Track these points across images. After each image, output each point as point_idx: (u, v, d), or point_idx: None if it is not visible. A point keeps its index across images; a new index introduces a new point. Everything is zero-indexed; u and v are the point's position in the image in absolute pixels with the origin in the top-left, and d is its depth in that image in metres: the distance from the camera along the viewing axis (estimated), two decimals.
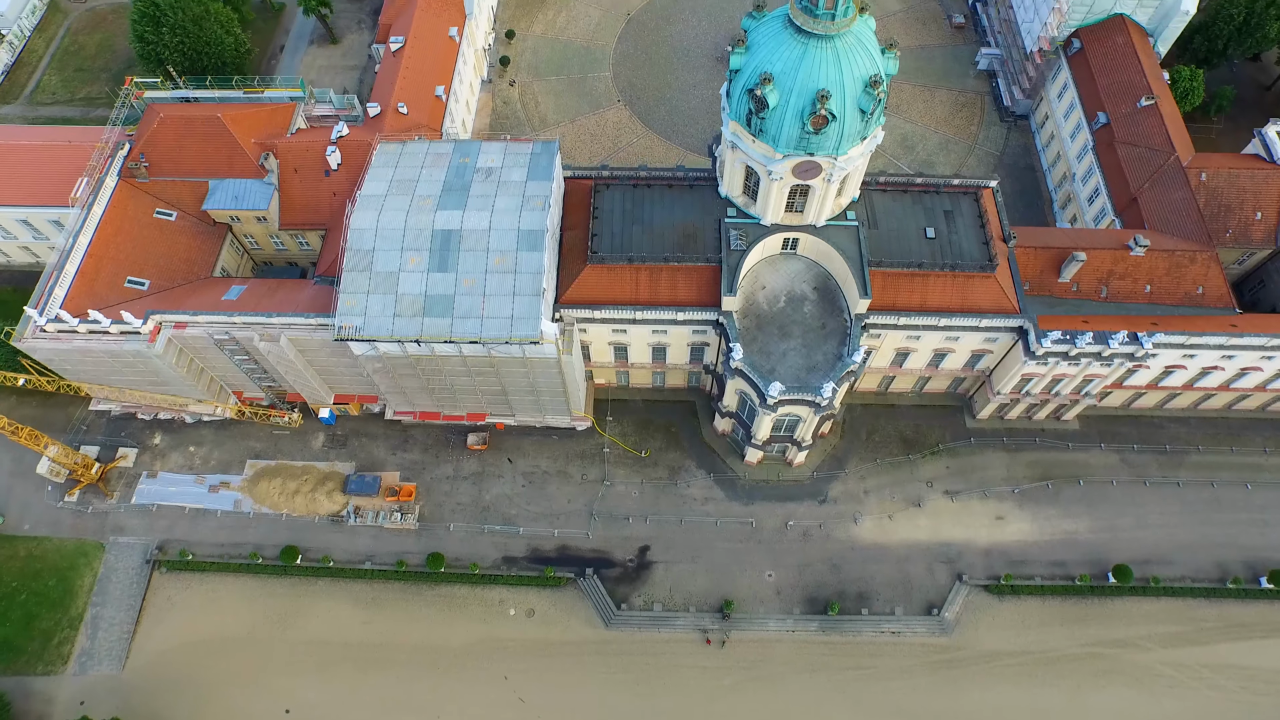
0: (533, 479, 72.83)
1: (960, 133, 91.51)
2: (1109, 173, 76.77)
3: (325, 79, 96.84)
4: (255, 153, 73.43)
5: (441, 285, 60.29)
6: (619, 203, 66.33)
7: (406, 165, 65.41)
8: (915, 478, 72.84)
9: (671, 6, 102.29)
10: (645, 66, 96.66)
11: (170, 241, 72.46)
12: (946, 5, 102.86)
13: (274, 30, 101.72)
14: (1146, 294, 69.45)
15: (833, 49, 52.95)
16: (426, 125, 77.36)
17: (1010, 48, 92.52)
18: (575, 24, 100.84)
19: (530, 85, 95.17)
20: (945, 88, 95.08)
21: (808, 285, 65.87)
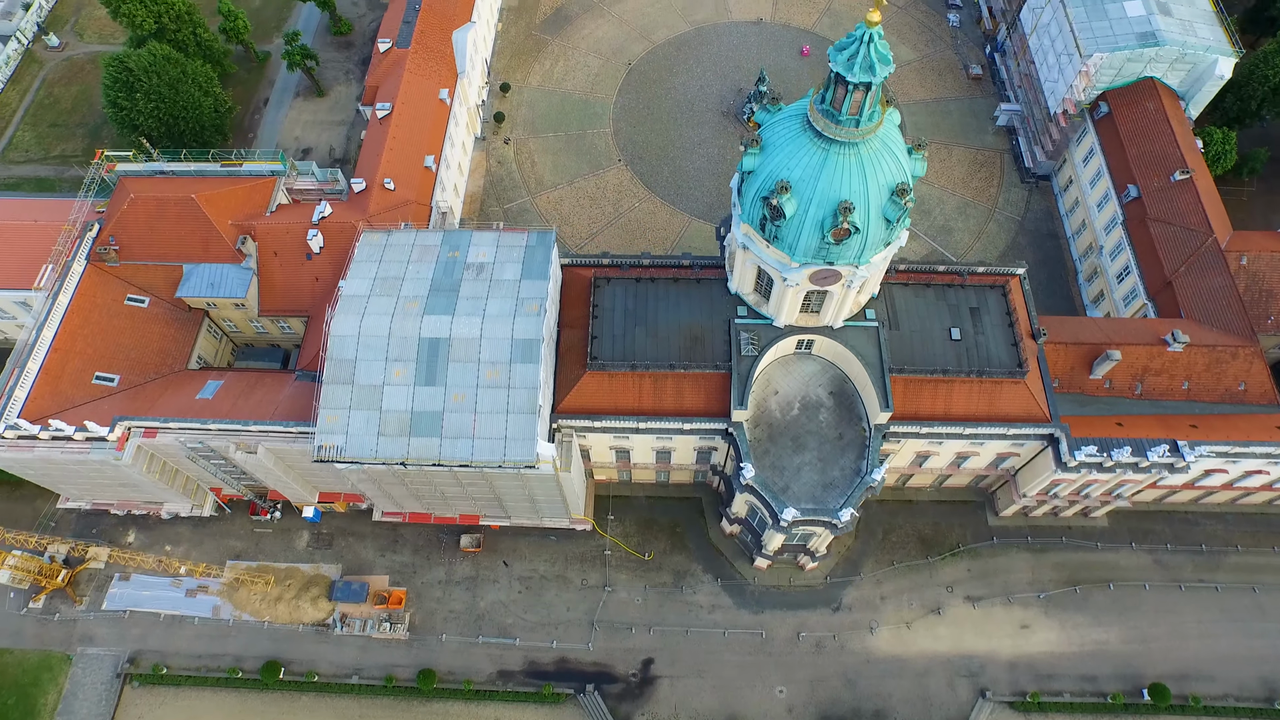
0: (530, 584, 68.58)
1: (979, 195, 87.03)
2: (1141, 252, 72.39)
3: (311, 135, 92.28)
4: (232, 235, 68.97)
5: (429, 400, 55.87)
6: (620, 300, 61.87)
7: (391, 259, 60.91)
8: (934, 582, 68.64)
9: (674, 56, 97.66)
10: (647, 122, 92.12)
11: (142, 331, 68.00)
12: (963, 55, 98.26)
13: (258, 82, 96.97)
14: (1185, 390, 65.15)
15: (856, 156, 48.47)
16: (415, 200, 72.86)
17: (1031, 105, 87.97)
18: (574, 74, 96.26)
19: (526, 143, 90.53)
20: (963, 145, 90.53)
21: (823, 390, 61.55)
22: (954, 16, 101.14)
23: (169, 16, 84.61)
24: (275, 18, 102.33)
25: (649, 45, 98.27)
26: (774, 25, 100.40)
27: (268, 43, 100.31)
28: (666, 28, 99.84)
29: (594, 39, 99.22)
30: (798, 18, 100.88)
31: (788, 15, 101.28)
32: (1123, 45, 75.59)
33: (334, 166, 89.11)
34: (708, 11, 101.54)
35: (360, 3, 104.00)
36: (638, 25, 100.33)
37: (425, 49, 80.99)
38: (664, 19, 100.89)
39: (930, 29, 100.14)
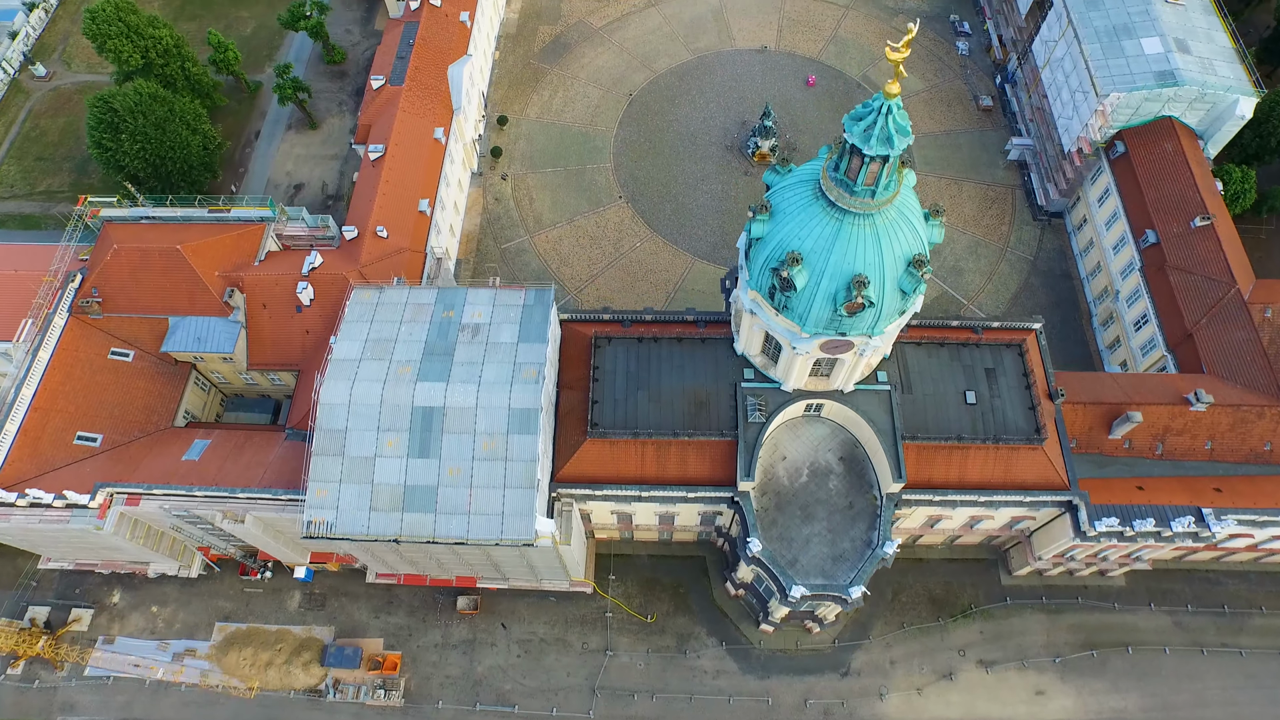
0: (529, 648, 66.32)
1: (990, 233, 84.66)
2: (1160, 301, 70.01)
3: (303, 170, 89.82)
4: (219, 287, 66.55)
5: (423, 473, 53.43)
6: (622, 361, 59.49)
7: (383, 319, 58.41)
8: (946, 645, 66.38)
9: (676, 86, 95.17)
10: (649, 156, 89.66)
11: (126, 387, 65.61)
12: (973, 85, 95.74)
13: (249, 114, 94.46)
14: (1208, 451, 62.84)
15: (871, 227, 46.07)
16: (409, 248, 70.41)
17: (1044, 140, 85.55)
18: (573, 105, 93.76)
19: (524, 178, 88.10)
20: (973, 180, 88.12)
21: (833, 455, 59.24)
22: (963, 45, 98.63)
23: (156, 51, 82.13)
24: (267, 46, 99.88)
25: (650, 75, 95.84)
26: (778, 53, 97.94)
27: (259, 72, 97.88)
28: (668, 56, 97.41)
29: (594, 68, 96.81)
30: (803, 45, 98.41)
31: (792, 43, 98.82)
32: (1141, 85, 73.17)
33: (327, 203, 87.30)
34: (710, 39, 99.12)
35: (354, 30, 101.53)
36: (638, 54, 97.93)
37: (419, 86, 78.53)
38: (666, 47, 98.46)
39: (939, 58, 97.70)
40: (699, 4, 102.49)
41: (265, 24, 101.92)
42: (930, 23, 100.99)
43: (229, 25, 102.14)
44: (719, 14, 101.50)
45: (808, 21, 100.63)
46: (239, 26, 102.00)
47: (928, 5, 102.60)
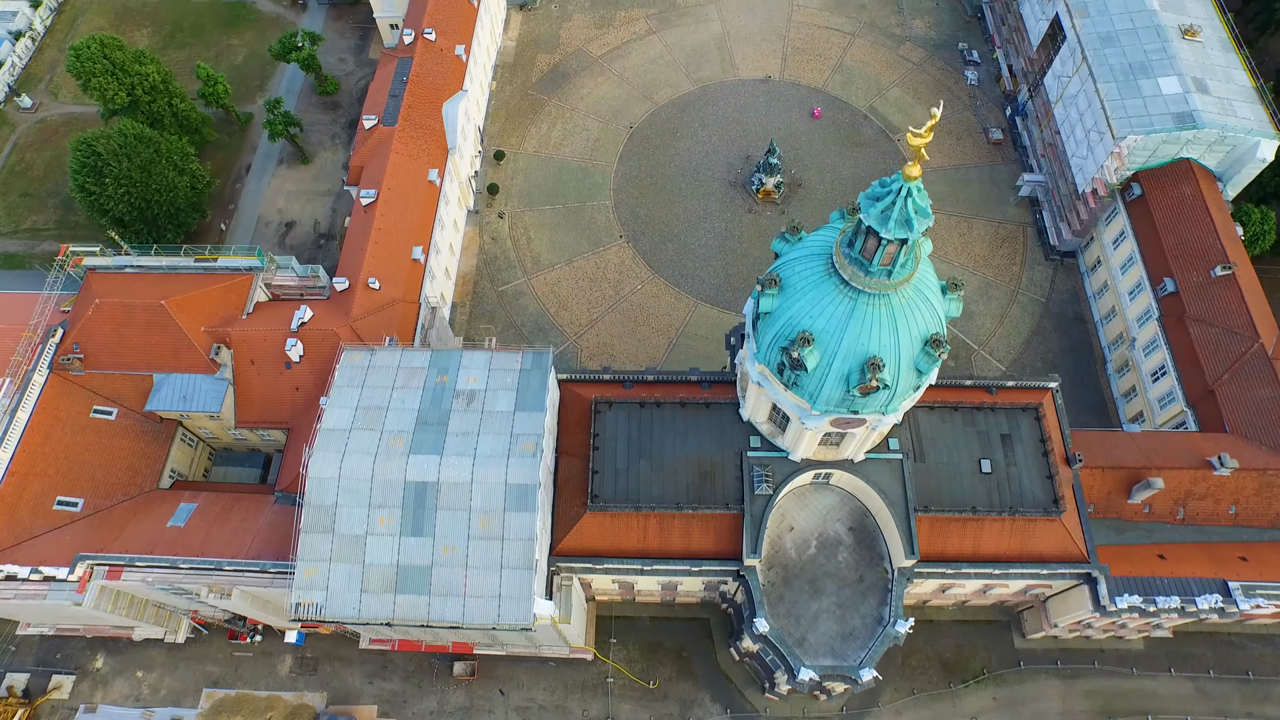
0: (528, 715, 63.93)
1: (1001, 274, 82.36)
2: (1179, 354, 67.75)
3: (295, 206, 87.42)
4: (205, 344, 64.24)
5: (417, 553, 51.11)
6: (623, 428, 57.15)
7: (375, 384, 56.07)
8: (958, 712, 64.10)
9: (677, 118, 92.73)
10: (650, 192, 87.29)
11: (109, 447, 63.22)
12: (982, 116, 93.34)
13: (239, 147, 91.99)
14: (1232, 516, 60.72)
15: (887, 306, 43.72)
16: (402, 299, 68.04)
17: (1056, 178, 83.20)
18: (572, 139, 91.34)
19: (522, 216, 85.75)
20: (983, 218, 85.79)
21: (842, 525, 57.00)
22: (972, 74, 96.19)
23: (143, 88, 79.61)
24: (259, 75, 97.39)
25: (651, 106, 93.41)
26: (783, 83, 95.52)
27: (250, 103, 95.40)
28: (670, 87, 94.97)
29: (593, 99, 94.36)
30: (807, 75, 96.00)
31: (797, 72, 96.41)
32: (1159, 128, 70.81)
33: (319, 241, 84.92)
34: (713, 69, 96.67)
35: (348, 59, 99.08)
36: (639, 84, 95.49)
37: (413, 125, 76.01)
38: (667, 77, 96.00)
39: (948, 88, 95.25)
40: (701, 31, 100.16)
41: (257, 53, 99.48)
42: (938, 51, 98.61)
43: (219, 54, 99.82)
44: (721, 42, 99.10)
45: (812, 50, 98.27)
46: (230, 55, 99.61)
47: (935, 33, 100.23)
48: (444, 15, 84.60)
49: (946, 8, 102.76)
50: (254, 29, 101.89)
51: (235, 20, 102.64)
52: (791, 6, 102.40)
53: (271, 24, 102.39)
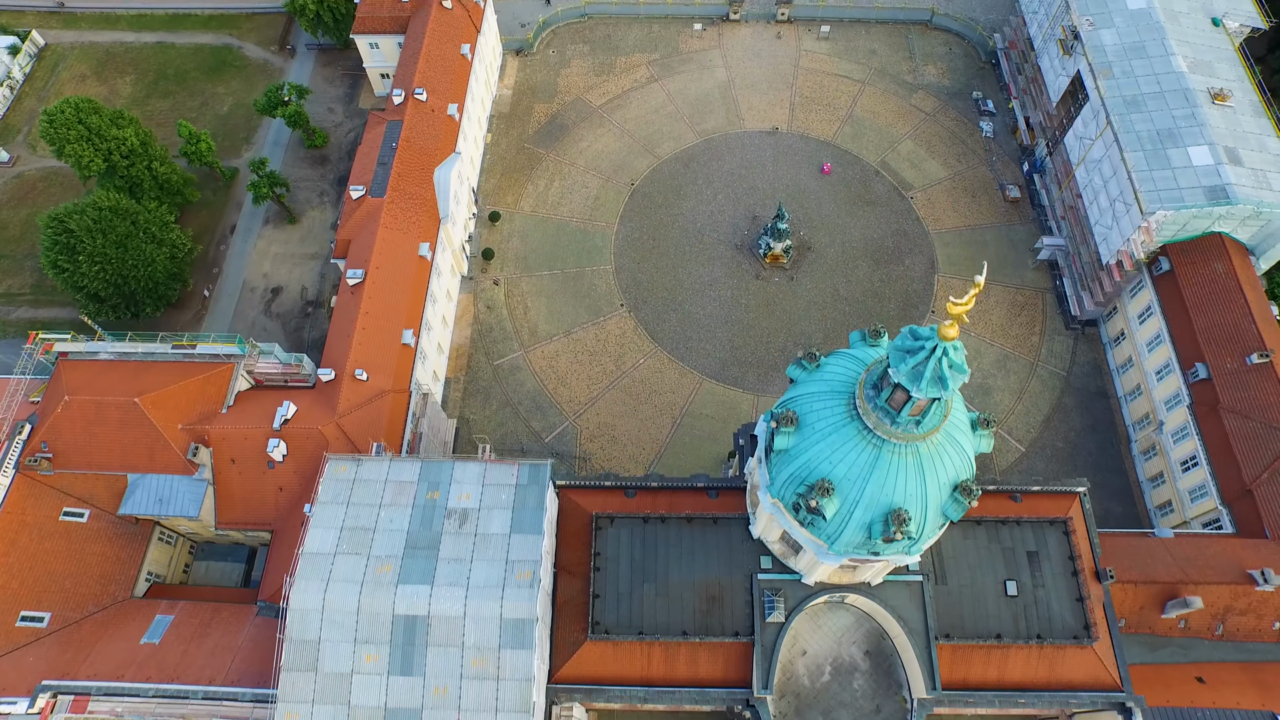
0: None
1: (1019, 345, 78.76)
2: (1212, 446, 64.14)
3: (282, 270, 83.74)
4: (183, 442, 60.69)
5: (406, 694, 47.50)
6: (626, 547, 53.64)
7: (361, 501, 52.37)
8: None
9: (681, 174, 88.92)
10: (652, 256, 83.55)
11: (80, 554, 59.63)
12: (998, 171, 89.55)
13: (224, 205, 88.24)
14: (1276, 632, 57.20)
15: (915, 455, 40.29)
16: (391, 389, 64.32)
17: (1078, 244, 79.49)
18: (570, 197, 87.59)
19: (518, 283, 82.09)
20: (1001, 283, 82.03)
21: (858, 648, 53.56)
22: (987, 125, 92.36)
23: (120, 153, 75.82)
24: (244, 127, 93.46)
25: (653, 161, 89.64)
26: (791, 135, 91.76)
27: (236, 157, 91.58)
28: (673, 139, 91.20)
29: (592, 153, 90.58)
30: (816, 126, 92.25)
31: (806, 124, 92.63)
32: (1190, 203, 67.21)
33: (306, 309, 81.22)
34: (718, 120, 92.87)
35: (337, 109, 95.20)
36: (641, 136, 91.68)
37: (402, 195, 72.25)
38: (670, 129, 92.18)
39: (962, 140, 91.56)
40: (705, 80, 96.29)
41: (243, 102, 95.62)
42: (952, 101, 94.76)
43: (204, 103, 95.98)
44: (727, 90, 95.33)
45: (821, 99, 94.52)
46: (215, 105, 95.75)
47: (949, 80, 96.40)
48: (436, 71, 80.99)
49: (960, 53, 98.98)
50: (240, 76, 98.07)
51: (221, 67, 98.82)
52: (799, 52, 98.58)
53: (258, 71, 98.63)
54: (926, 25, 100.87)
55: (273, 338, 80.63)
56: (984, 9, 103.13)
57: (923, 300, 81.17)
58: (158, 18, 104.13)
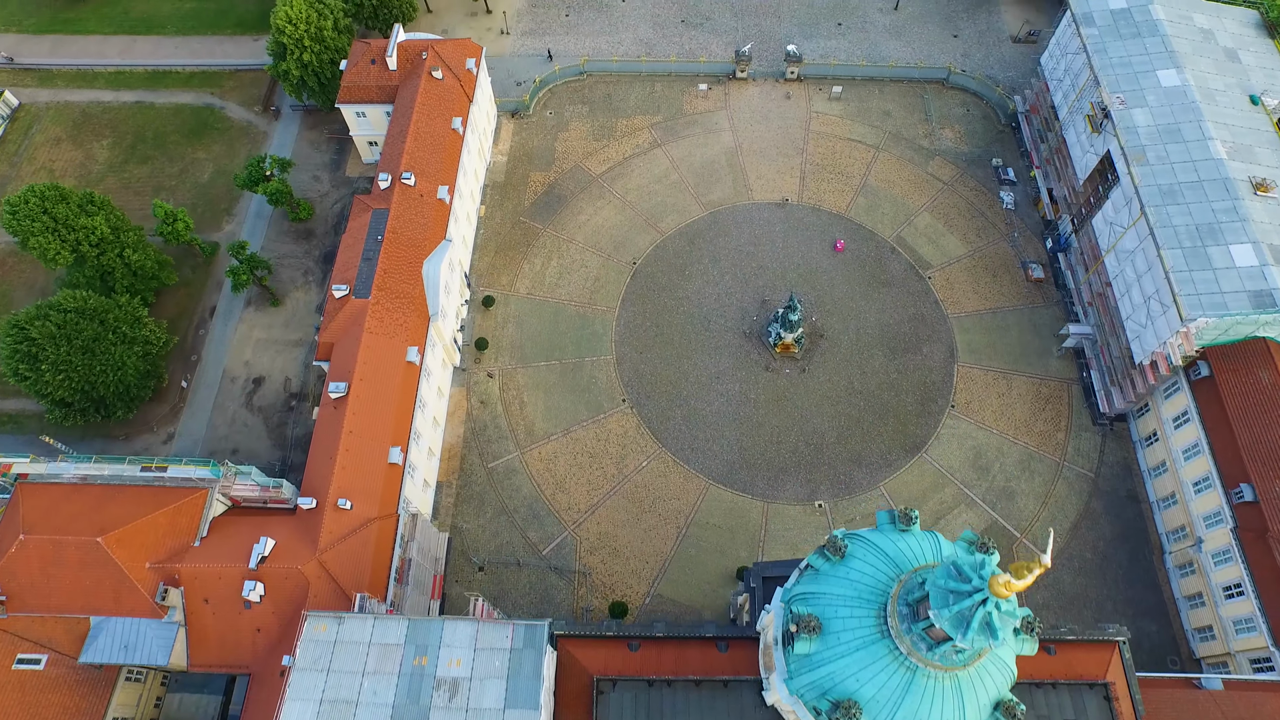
0: None
1: (1044, 443, 74.27)
2: (1261, 578, 59.42)
3: (264, 359, 79.19)
4: (150, 583, 56.15)
5: None
6: (630, 714, 49.52)
7: (342, 668, 47.80)
8: None
9: (686, 251, 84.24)
10: (656, 345, 78.81)
11: (35, 705, 54.84)
12: (1019, 248, 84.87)
13: (204, 284, 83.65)
14: None
15: (953, 680, 36.25)
16: (378, 515, 60.07)
17: (1107, 335, 75.01)
18: (569, 277, 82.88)
19: (514, 375, 77.57)
20: (1023, 373, 77.66)
21: None
22: (1008, 196, 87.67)
23: (89, 243, 71.30)
24: (225, 197, 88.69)
25: (657, 237, 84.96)
26: (801, 207, 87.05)
27: (216, 230, 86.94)
28: (677, 212, 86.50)
29: (592, 228, 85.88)
30: (828, 198, 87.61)
31: (817, 194, 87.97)
32: (1234, 310, 62.53)
33: (290, 403, 76.69)
34: (725, 190, 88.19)
35: (323, 177, 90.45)
36: (643, 209, 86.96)
37: (389, 296, 67.52)
38: (674, 200, 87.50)
39: (982, 212, 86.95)
40: (711, 144, 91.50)
41: (224, 168, 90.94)
42: (971, 168, 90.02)
43: (184, 169, 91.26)
44: (734, 157, 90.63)
45: (834, 166, 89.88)
46: (195, 171, 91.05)
47: (967, 145, 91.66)
48: (425, 151, 75.96)
49: (978, 115, 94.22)
50: (222, 140, 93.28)
51: (202, 129, 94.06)
52: (809, 114, 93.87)
53: (241, 134, 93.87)
54: (943, 84, 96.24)
55: (254, 433, 76.37)
56: (1002, 66, 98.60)
57: (941, 393, 76.76)
58: (137, 75, 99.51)
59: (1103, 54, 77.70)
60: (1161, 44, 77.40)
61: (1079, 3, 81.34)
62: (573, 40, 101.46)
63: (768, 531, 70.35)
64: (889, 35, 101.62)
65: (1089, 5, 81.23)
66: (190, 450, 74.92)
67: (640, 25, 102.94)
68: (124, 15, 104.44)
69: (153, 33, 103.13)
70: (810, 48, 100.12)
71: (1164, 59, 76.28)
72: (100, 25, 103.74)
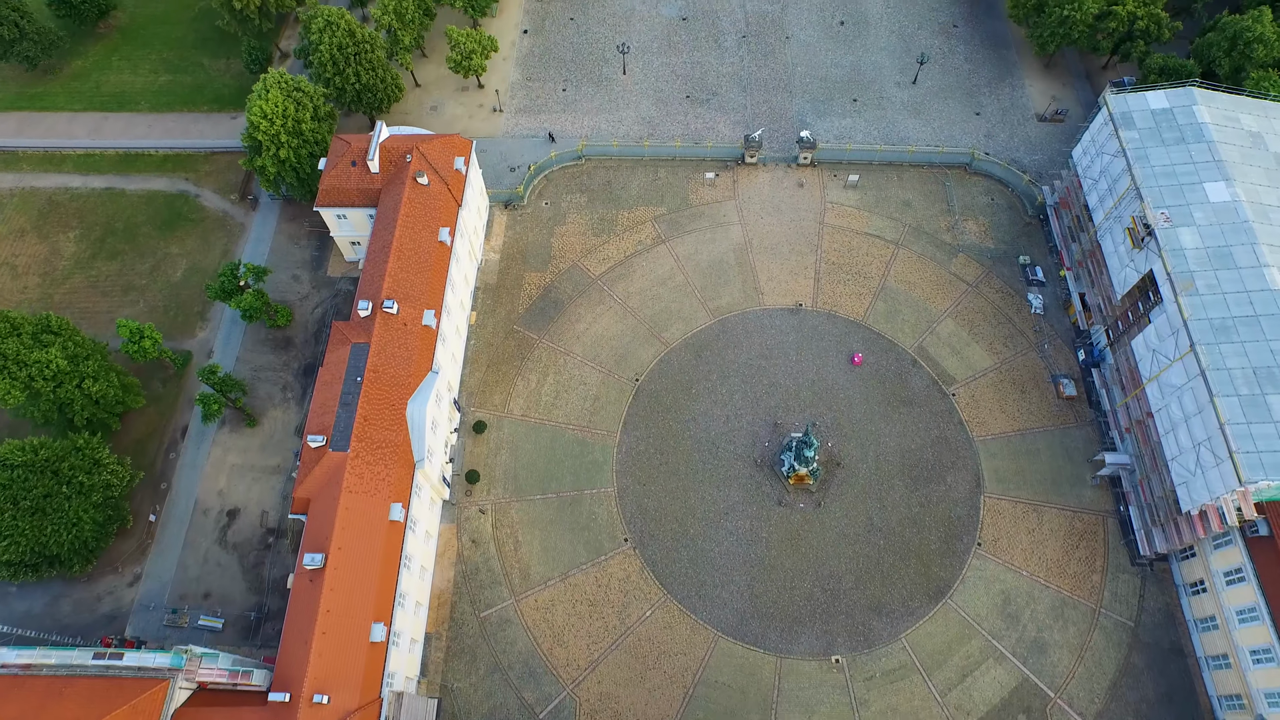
0: None
1: (1079, 586, 68.49)
2: None
3: (239, 487, 73.37)
4: None
5: None
6: None
7: None
8: None
9: (692, 366, 78.31)
10: (660, 475, 72.90)
11: None
12: (1050, 360, 78.80)
13: (175, 400, 77.90)
14: None
15: None
16: (359, 705, 54.36)
17: (1147, 468, 69.16)
18: (567, 396, 76.80)
19: (508, 510, 71.78)
20: (1055, 504, 71.89)
21: None
22: (1036, 299, 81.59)
23: (44, 377, 65.75)
24: (199, 299, 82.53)
25: (661, 348, 78.91)
26: (816, 314, 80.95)
27: (189, 337, 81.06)
28: (682, 320, 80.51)
29: (591, 338, 79.81)
30: (844, 303, 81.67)
31: (832, 299, 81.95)
32: None
33: (267, 539, 71.25)
34: (734, 294, 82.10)
35: (302, 277, 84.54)
36: (646, 316, 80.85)
37: (369, 447, 61.55)
38: (679, 305, 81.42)
39: (1009, 318, 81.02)
40: (719, 239, 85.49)
41: (198, 265, 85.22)
42: (996, 267, 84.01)
43: (155, 266, 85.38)
44: (743, 254, 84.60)
45: (850, 265, 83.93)
46: (167, 268, 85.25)
47: (992, 239, 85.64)
48: (409, 272, 69.79)
49: (1003, 205, 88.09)
50: (196, 232, 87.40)
51: (175, 220, 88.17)
52: (824, 204, 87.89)
53: (217, 225, 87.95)
54: (966, 170, 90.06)
55: (228, 574, 70.85)
56: (1028, 148, 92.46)
57: (967, 530, 71.21)
58: (108, 158, 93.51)
59: (1144, 162, 71.79)
60: (1208, 151, 71.50)
61: (1117, 101, 75.41)
62: (570, 118, 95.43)
63: (781, 692, 64.88)
64: (907, 112, 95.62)
65: (1128, 104, 75.32)
66: (158, 594, 69.50)
67: (642, 101, 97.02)
68: (95, 91, 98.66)
69: (125, 109, 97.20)
70: (824, 127, 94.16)
71: (1211, 169, 70.41)
72: (70, 102, 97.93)
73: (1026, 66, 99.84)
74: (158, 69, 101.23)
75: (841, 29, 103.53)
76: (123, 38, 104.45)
